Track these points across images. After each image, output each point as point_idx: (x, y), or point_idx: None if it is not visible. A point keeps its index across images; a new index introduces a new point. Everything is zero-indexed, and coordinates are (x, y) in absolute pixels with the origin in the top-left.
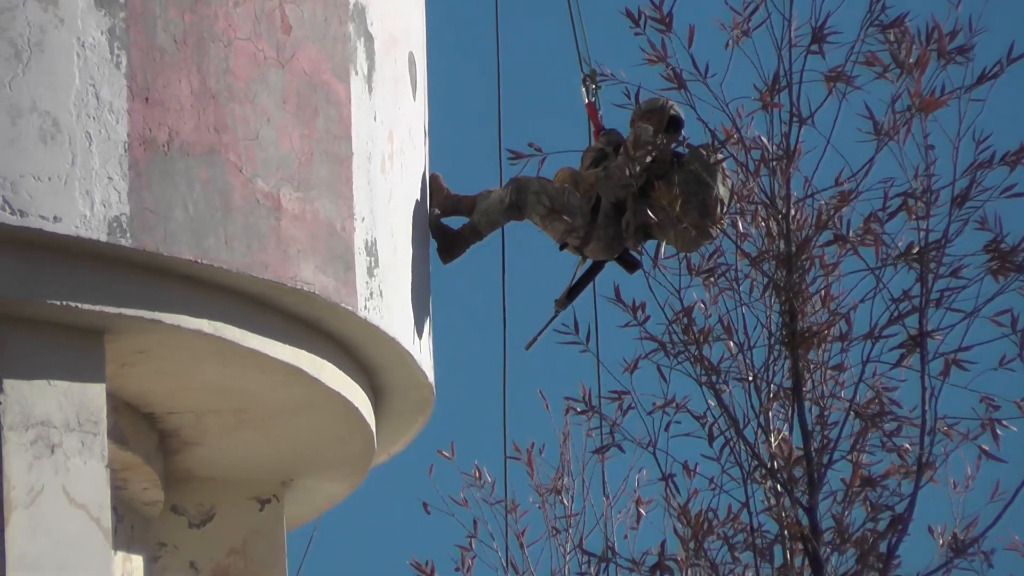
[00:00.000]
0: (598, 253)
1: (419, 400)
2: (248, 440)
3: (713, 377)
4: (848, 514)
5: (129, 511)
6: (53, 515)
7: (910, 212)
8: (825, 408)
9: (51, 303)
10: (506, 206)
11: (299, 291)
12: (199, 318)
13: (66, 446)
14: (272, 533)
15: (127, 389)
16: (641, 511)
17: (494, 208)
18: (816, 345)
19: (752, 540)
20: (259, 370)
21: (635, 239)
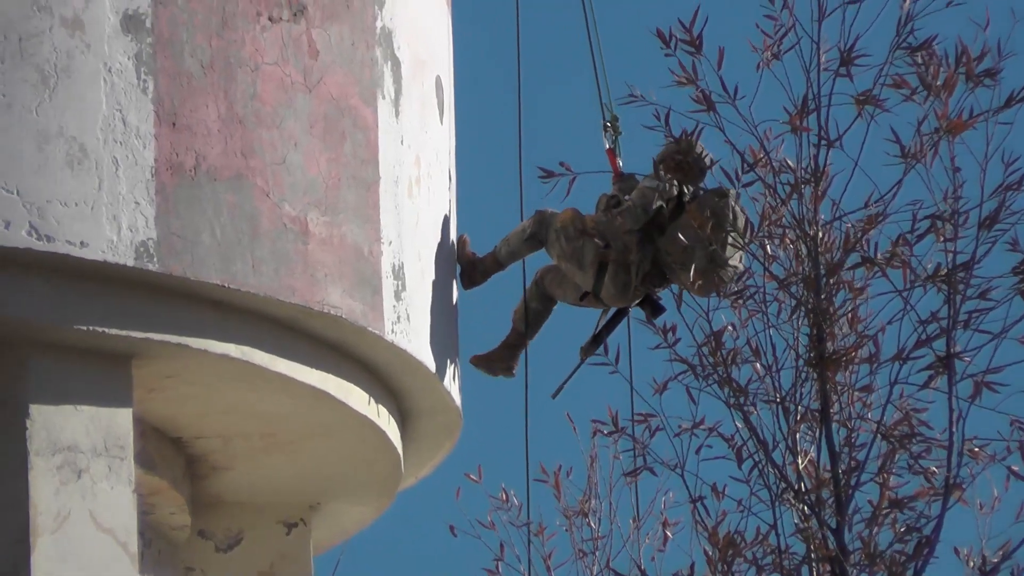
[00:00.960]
0: (614, 300)
1: (446, 423)
2: (275, 464)
3: (741, 399)
4: (876, 536)
5: (156, 536)
6: (80, 540)
7: (938, 234)
8: (853, 430)
9: (78, 328)
10: (527, 236)
11: (326, 315)
12: (226, 342)
13: (93, 471)
14: (299, 557)
15: (154, 414)
16: (668, 533)
17: (515, 237)
18: (844, 367)
19: (780, 562)
20: (286, 394)
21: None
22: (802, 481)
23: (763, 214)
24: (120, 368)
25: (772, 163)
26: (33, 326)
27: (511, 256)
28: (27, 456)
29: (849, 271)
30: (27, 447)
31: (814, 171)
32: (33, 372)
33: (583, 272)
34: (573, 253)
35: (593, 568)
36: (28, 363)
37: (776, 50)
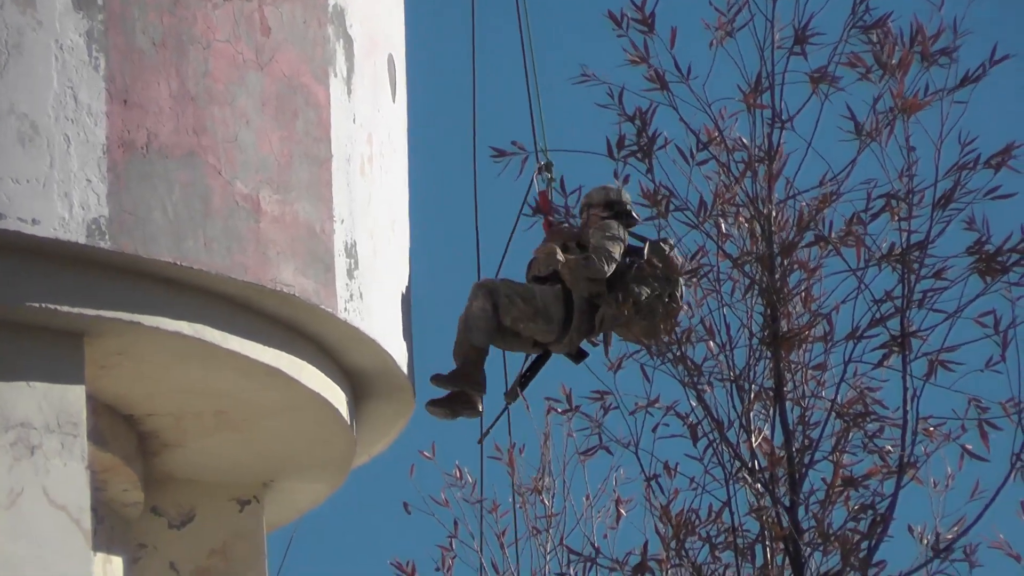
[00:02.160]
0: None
1: (399, 401)
2: (228, 442)
3: (696, 378)
4: (829, 514)
5: (109, 512)
6: (33, 517)
7: (893, 213)
8: (807, 409)
9: (30, 305)
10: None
11: (279, 293)
12: (179, 320)
13: (46, 448)
14: (252, 535)
15: (107, 391)
16: (621, 511)
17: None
18: (797, 346)
19: (734, 540)
20: (239, 372)
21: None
22: (756, 460)
23: (717, 193)
24: (72, 345)
25: (726, 142)
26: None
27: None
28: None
29: (804, 249)
30: None
31: (768, 150)
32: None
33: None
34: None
35: (547, 545)
36: None
37: (729, 28)
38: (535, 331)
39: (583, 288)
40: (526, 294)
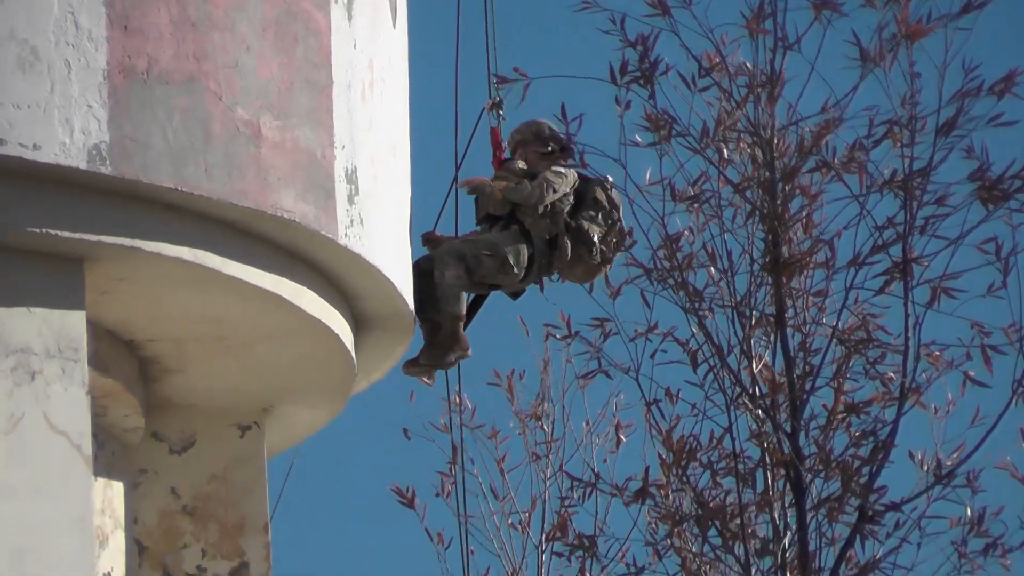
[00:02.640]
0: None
1: (400, 327)
2: (228, 367)
3: (696, 304)
4: (831, 440)
5: (110, 438)
6: (33, 442)
7: (895, 140)
8: (808, 335)
9: (30, 231)
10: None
11: (279, 219)
12: (179, 245)
13: (46, 373)
14: (253, 460)
15: (107, 316)
16: (621, 436)
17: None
18: (799, 272)
19: (735, 466)
20: (239, 297)
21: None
22: (757, 386)
23: (718, 119)
24: (72, 271)
25: (728, 68)
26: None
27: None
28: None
29: (806, 175)
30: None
31: (770, 75)
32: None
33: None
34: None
35: (547, 471)
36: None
37: None
38: (504, 280)
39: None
40: (490, 248)
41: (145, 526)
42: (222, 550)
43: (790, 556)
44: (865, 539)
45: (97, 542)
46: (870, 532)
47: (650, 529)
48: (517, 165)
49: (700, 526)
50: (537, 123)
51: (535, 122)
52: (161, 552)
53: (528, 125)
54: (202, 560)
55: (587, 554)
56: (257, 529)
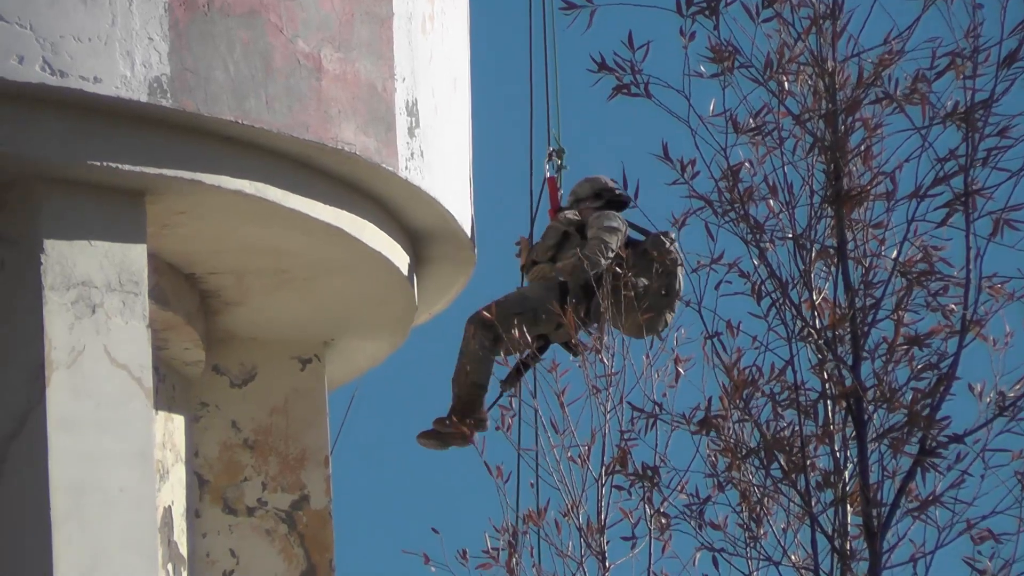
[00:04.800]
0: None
1: (460, 260)
2: (289, 300)
3: (758, 236)
4: (892, 373)
5: (170, 371)
6: (95, 375)
7: (957, 72)
8: (869, 268)
9: (92, 164)
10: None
11: (340, 152)
12: (240, 179)
13: (107, 306)
14: (313, 393)
15: (168, 250)
16: (680, 370)
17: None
18: (860, 204)
19: (796, 398)
20: (300, 230)
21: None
22: (818, 318)
23: (780, 50)
24: (134, 204)
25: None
26: (47, 162)
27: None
28: (42, 291)
29: (868, 107)
30: (42, 283)
31: (832, 7)
32: (47, 208)
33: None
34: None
35: (607, 404)
36: (42, 199)
37: None
38: (537, 331)
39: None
40: (518, 306)
41: (206, 459)
42: (283, 483)
43: (850, 488)
44: (926, 472)
45: (157, 475)
46: (931, 465)
47: (709, 461)
48: (567, 216)
49: (763, 458)
50: (596, 180)
51: (596, 179)
52: (222, 485)
53: (590, 182)
54: (263, 493)
55: (649, 484)
56: (318, 462)
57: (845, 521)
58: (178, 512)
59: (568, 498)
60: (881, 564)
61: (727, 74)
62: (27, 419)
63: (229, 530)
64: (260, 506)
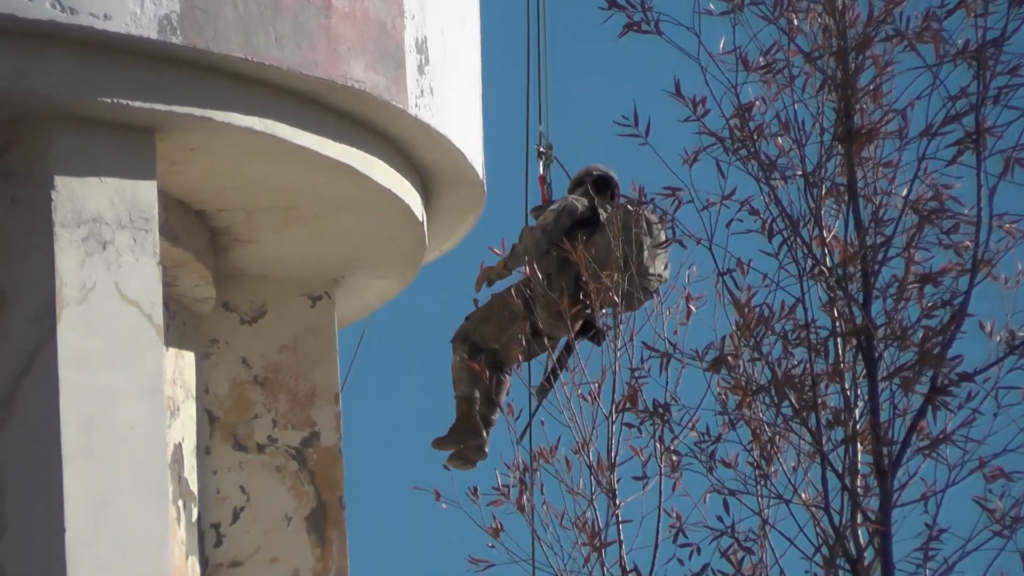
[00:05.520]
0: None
1: (470, 198)
2: (299, 237)
3: (768, 173)
4: (903, 311)
5: (181, 308)
6: (105, 312)
7: (968, 9)
8: (879, 205)
9: (102, 101)
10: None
11: (350, 89)
12: (249, 116)
13: (118, 243)
14: (323, 330)
15: (178, 186)
16: (691, 308)
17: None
18: (870, 142)
19: (807, 336)
20: (309, 167)
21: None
22: (829, 256)
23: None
24: (143, 141)
25: None
26: (57, 99)
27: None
28: (52, 228)
29: (878, 44)
30: (52, 219)
31: None
32: (57, 145)
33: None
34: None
35: (616, 342)
36: (52, 136)
37: None
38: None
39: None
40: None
41: (216, 396)
42: (293, 420)
43: (861, 427)
44: (937, 410)
45: (168, 412)
46: (942, 403)
47: (720, 399)
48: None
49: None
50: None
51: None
52: (232, 422)
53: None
54: (273, 430)
55: (660, 422)
56: (328, 399)
57: (856, 459)
58: (188, 449)
59: (578, 436)
60: (892, 503)
61: (737, 12)
62: (38, 356)
63: (239, 467)
64: (270, 443)
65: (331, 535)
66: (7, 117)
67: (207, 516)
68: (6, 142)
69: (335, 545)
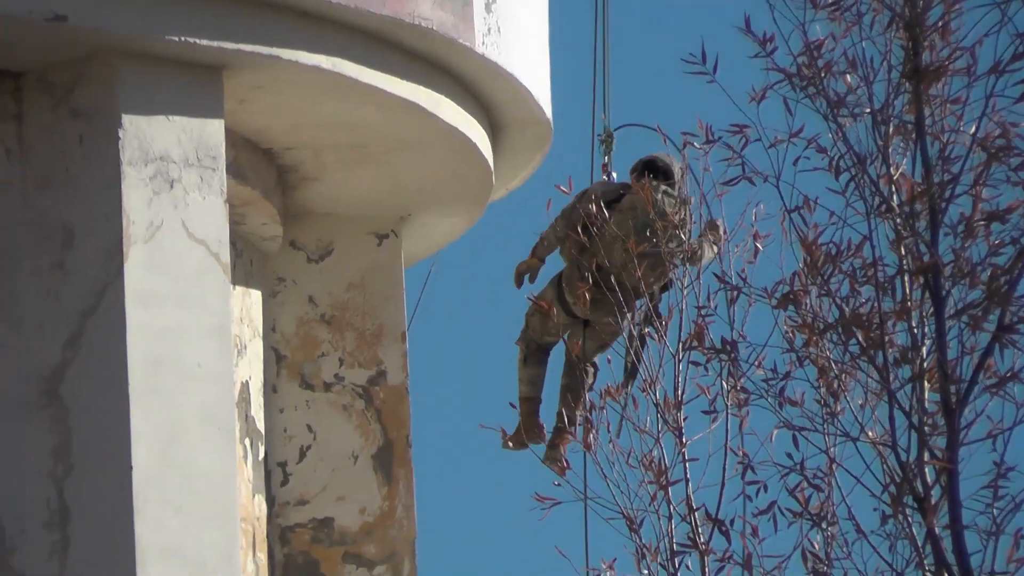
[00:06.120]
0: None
1: (537, 136)
2: (366, 176)
3: (836, 111)
4: (970, 249)
5: (248, 246)
6: (172, 250)
7: None
8: (947, 143)
9: (170, 39)
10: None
11: (417, 27)
12: (317, 54)
13: (185, 181)
14: (390, 268)
15: (245, 125)
16: (759, 246)
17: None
18: (938, 79)
19: (874, 273)
20: (377, 106)
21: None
22: (896, 194)
23: None
24: (211, 79)
25: None
26: (124, 38)
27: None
28: (120, 167)
29: None
30: (120, 158)
31: None
32: (125, 83)
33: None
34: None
35: (683, 280)
36: (121, 75)
37: None
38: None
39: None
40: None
41: (283, 335)
42: (360, 358)
43: (928, 365)
44: (1005, 348)
45: (235, 350)
46: (1010, 341)
47: (787, 337)
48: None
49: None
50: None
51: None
52: (299, 361)
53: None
54: (339, 368)
55: (727, 360)
56: (395, 338)
57: (923, 397)
58: (255, 387)
59: (645, 373)
60: (959, 441)
61: None
62: (105, 294)
63: (306, 405)
64: (337, 381)
65: (397, 473)
66: (76, 56)
67: (274, 455)
68: (75, 81)
69: (401, 483)
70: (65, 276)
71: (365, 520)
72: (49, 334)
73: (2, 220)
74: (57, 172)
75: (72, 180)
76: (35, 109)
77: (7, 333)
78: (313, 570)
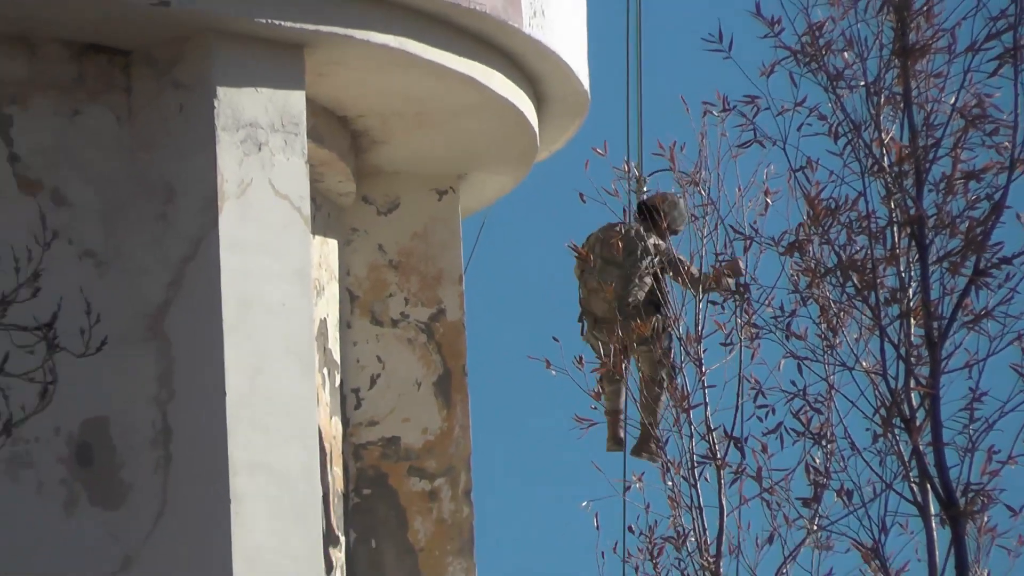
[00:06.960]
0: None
1: (575, 105)
2: (428, 139)
3: (835, 83)
4: (950, 203)
5: (326, 201)
6: (260, 204)
7: None
8: (930, 112)
9: (258, 21)
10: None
11: (472, 10)
12: (385, 34)
13: (271, 144)
14: (449, 220)
15: (324, 95)
16: (769, 201)
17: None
18: (923, 56)
19: (867, 225)
20: (437, 79)
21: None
22: (887, 156)
23: None
24: (294, 55)
25: None
26: (219, 18)
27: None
28: (215, 132)
29: None
30: (215, 124)
31: None
32: (220, 58)
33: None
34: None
35: (703, 229)
36: (215, 50)
37: None
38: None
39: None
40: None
41: (356, 278)
42: (422, 298)
43: (914, 304)
44: (980, 289)
45: (314, 291)
46: (984, 284)
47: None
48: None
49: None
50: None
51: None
52: (369, 300)
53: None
54: (405, 307)
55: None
56: (453, 280)
57: (909, 332)
58: (332, 323)
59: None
60: (940, 370)
61: None
62: (201, 243)
63: (376, 339)
64: (403, 318)
65: (455, 398)
66: (177, 36)
67: (348, 382)
68: (176, 57)
69: (459, 407)
70: (167, 227)
71: (427, 439)
72: (154, 277)
73: (113, 178)
74: (160, 136)
75: (173, 143)
76: (141, 82)
77: (118, 276)
78: (382, 482)
